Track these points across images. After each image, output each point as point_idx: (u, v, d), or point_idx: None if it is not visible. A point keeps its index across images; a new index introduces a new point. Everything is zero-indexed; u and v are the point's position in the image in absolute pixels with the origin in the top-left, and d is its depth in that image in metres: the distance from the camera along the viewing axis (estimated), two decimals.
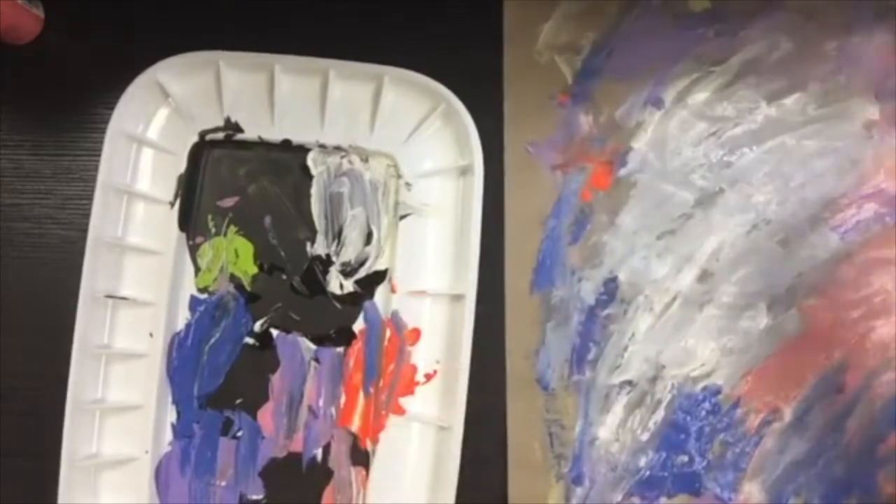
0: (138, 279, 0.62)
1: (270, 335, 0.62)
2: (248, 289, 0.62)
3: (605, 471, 0.59)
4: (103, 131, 0.60)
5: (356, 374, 0.62)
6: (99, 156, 0.60)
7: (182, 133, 0.62)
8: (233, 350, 0.62)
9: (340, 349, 0.62)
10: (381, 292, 0.62)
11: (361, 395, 0.61)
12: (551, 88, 0.62)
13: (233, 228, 0.63)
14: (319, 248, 0.63)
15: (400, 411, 0.60)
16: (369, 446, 0.61)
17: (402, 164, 0.62)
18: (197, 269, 0.62)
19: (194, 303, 0.62)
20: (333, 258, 0.63)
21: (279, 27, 0.64)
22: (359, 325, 0.62)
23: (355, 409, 0.61)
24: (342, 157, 0.63)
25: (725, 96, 0.61)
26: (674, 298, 0.60)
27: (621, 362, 0.60)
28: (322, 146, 0.62)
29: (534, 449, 0.60)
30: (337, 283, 0.62)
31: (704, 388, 0.59)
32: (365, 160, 0.63)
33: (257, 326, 0.62)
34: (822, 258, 0.60)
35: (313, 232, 0.63)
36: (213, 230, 0.63)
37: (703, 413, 0.59)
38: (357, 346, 0.62)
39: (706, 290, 0.60)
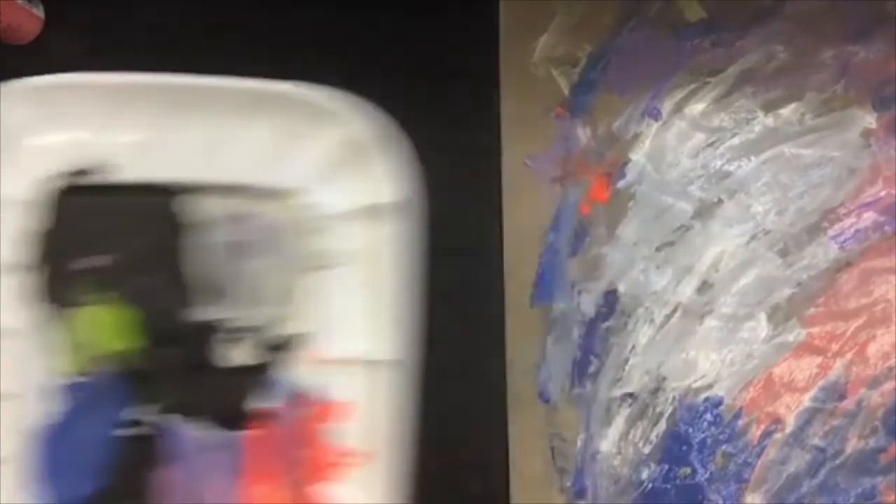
0: None
1: (159, 422, 0.52)
2: (129, 367, 0.52)
3: (607, 484, 0.59)
4: None
5: (264, 459, 0.53)
6: None
7: (33, 178, 0.52)
8: (112, 443, 0.52)
9: (244, 432, 0.53)
10: (292, 362, 0.53)
11: (271, 483, 0.53)
12: (549, 101, 0.62)
13: (105, 294, 0.52)
14: (214, 312, 0.53)
15: (319, 499, 0.53)
16: None
17: (314, 204, 0.53)
18: (63, 348, 0.51)
19: (62, 389, 0.51)
20: (232, 324, 0.53)
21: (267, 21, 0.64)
22: (266, 403, 0.53)
23: (265, 500, 0.53)
24: (237, 200, 0.53)
25: (723, 107, 0.61)
26: (674, 310, 0.60)
27: (622, 375, 0.60)
28: (212, 188, 0.53)
29: (535, 463, 0.60)
30: (236, 354, 0.53)
31: (706, 400, 0.59)
32: (267, 202, 0.53)
33: (141, 413, 0.52)
34: (821, 268, 0.60)
35: (205, 293, 0.53)
36: (82, 298, 0.52)
37: (705, 424, 0.59)
38: (265, 427, 0.53)
39: (706, 301, 0.60)
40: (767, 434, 0.59)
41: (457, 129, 0.62)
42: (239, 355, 0.53)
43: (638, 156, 0.61)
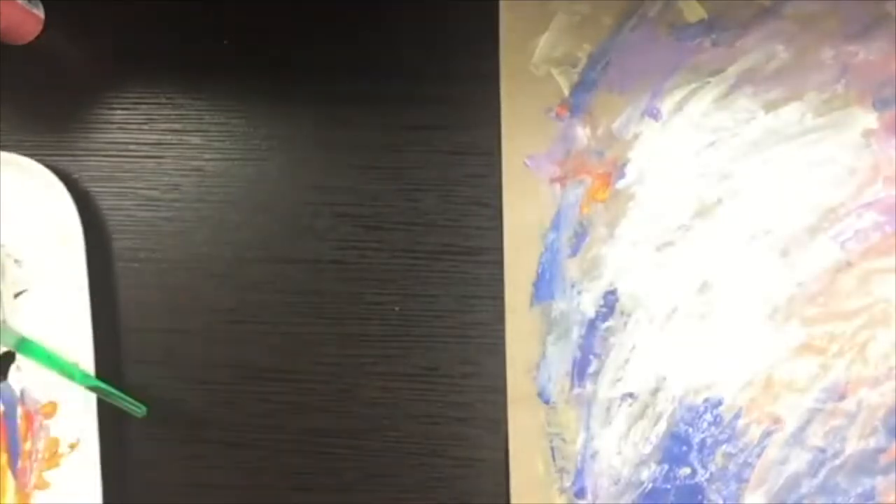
0: None
1: None
2: None
3: (607, 484, 0.59)
4: (103, 131, 0.63)
5: (1, 455, 0.62)
6: (97, 156, 0.63)
7: None
8: None
9: None
10: (11, 372, 0.62)
11: (10, 476, 0.62)
12: (549, 101, 0.62)
13: None
14: None
15: (44, 486, 0.62)
16: None
17: (10, 241, 0.62)
18: None
19: None
20: None
21: (285, 35, 0.64)
22: None
23: (6, 492, 0.62)
24: None
25: (723, 106, 0.61)
26: (674, 310, 0.60)
27: (622, 375, 0.60)
28: None
29: (536, 463, 0.60)
30: None
31: (706, 400, 0.59)
32: None
33: None
34: (821, 268, 0.60)
35: None
36: None
37: (705, 424, 0.59)
38: None
39: (706, 301, 0.60)
40: (767, 434, 0.59)
41: (457, 129, 0.62)
42: None
43: (638, 156, 0.61)
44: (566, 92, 0.62)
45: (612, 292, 0.60)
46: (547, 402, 0.60)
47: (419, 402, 0.62)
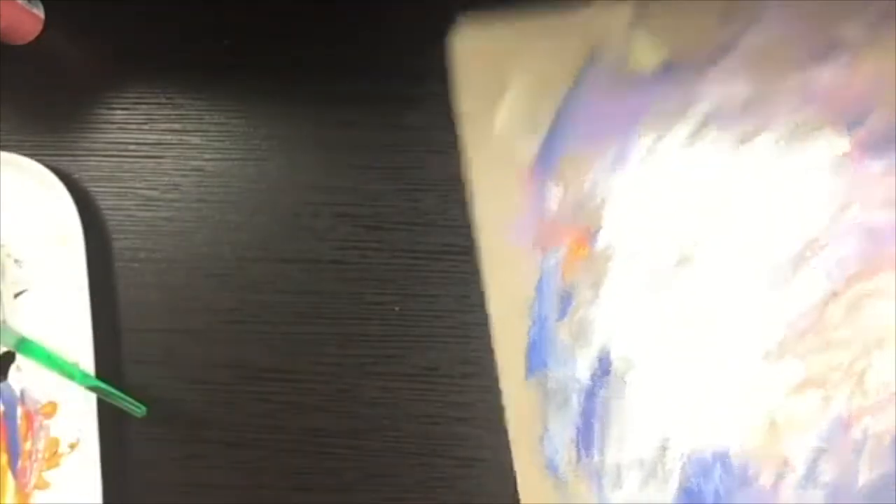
0: None
1: None
2: None
3: None
4: (103, 131, 0.63)
5: (1, 455, 0.63)
6: (97, 156, 0.63)
7: None
8: None
9: None
10: (11, 372, 0.63)
11: (10, 476, 0.62)
12: (516, 168, 0.61)
13: None
14: None
15: (44, 486, 0.62)
16: None
17: (10, 241, 0.63)
18: None
19: None
20: None
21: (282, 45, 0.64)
22: None
23: (6, 492, 0.62)
24: None
25: (693, 147, 0.60)
26: (669, 365, 0.60)
27: (628, 438, 0.59)
28: None
29: None
30: None
31: (714, 452, 0.59)
32: None
33: None
34: (809, 300, 0.59)
35: None
36: None
37: (717, 476, 0.59)
38: None
39: (699, 349, 0.60)
40: (779, 478, 0.59)
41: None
42: None
43: (612, 211, 0.60)
44: (532, 157, 0.61)
45: (606, 355, 0.60)
46: (556, 474, 0.59)
47: (419, 402, 0.63)
